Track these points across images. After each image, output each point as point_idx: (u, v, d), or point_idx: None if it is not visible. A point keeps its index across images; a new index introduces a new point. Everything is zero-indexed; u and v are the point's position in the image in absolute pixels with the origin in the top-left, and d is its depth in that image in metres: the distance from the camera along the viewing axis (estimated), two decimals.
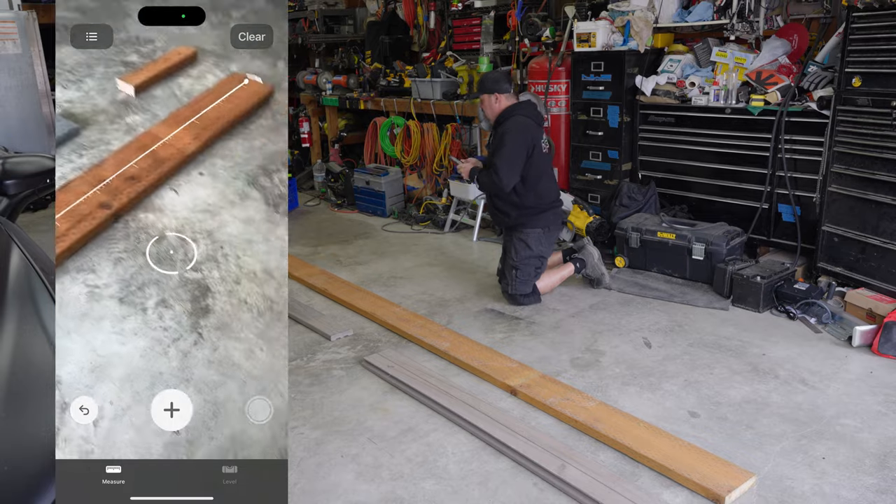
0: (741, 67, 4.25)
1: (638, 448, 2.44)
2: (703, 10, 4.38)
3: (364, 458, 2.51)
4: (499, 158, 3.68)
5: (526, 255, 3.83)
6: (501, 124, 3.76)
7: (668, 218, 4.38)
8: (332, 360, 3.30)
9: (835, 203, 3.79)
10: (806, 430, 2.61)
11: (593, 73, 4.80)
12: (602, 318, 3.71)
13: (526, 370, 3.07)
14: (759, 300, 3.67)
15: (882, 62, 3.44)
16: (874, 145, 3.52)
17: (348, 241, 5.38)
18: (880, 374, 3.01)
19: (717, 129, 4.35)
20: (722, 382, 2.98)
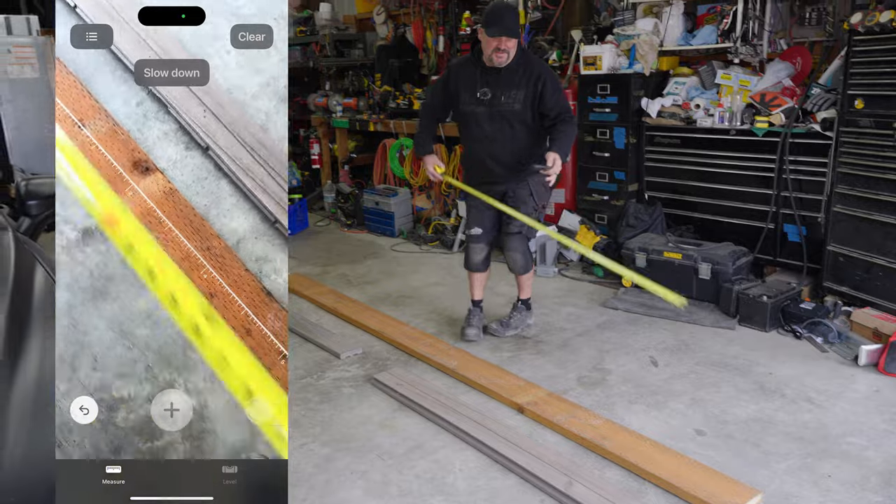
0: (745, 90, 4.32)
1: (644, 465, 2.46)
2: (708, 33, 4.46)
3: (373, 474, 2.54)
4: (565, 102, 3.37)
5: (533, 207, 3.47)
6: (518, 67, 3.29)
7: (675, 238, 4.42)
8: (341, 377, 3.35)
9: (840, 223, 3.82)
10: (812, 448, 2.62)
11: (599, 96, 4.87)
12: (609, 337, 3.74)
13: (533, 388, 3.10)
14: (765, 319, 3.69)
15: (884, 84, 3.49)
16: (877, 166, 3.56)
17: (358, 261, 5.44)
18: (886, 393, 3.02)
19: (723, 151, 4.40)
20: (728, 401, 3.00)
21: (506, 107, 3.32)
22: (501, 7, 3.33)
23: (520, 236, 3.54)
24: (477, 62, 3.35)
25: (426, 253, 5.58)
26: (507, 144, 3.40)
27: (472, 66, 3.36)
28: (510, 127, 3.37)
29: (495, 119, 3.35)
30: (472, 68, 3.36)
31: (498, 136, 3.38)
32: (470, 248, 3.63)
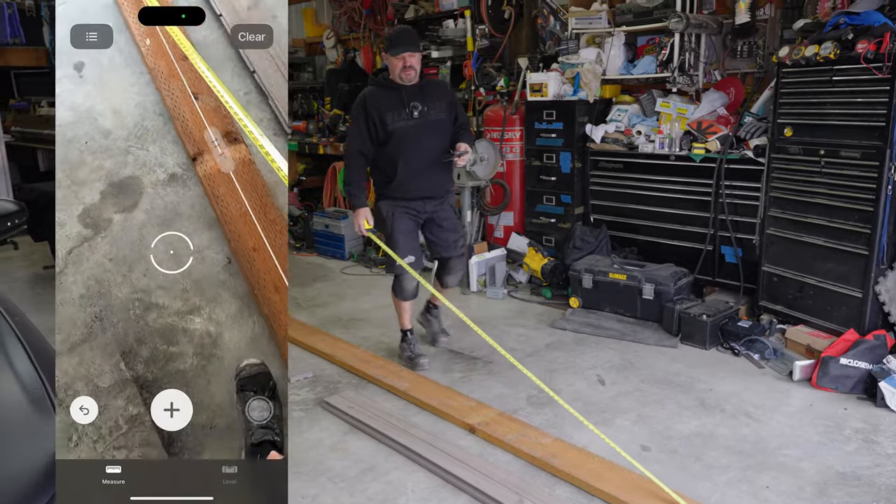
0: (683, 118, 4.51)
1: (593, 482, 2.52)
2: (647, 63, 4.65)
3: (324, 498, 2.52)
4: (465, 114, 3.67)
5: (462, 225, 3.85)
6: (429, 84, 3.56)
7: (620, 259, 4.55)
8: (291, 401, 3.31)
9: (773, 245, 4.01)
10: (751, 461, 2.73)
11: (546, 121, 5.01)
12: (557, 357, 3.81)
13: (484, 408, 3.13)
14: (705, 338, 3.83)
15: (810, 114, 3.70)
16: (806, 190, 3.76)
17: (307, 284, 5.40)
18: (819, 406, 3.16)
19: (663, 175, 4.57)
20: (672, 417, 3.09)
21: (434, 116, 3.50)
22: (399, 30, 3.59)
23: (463, 258, 3.80)
24: (391, 85, 3.46)
25: (377, 275, 5.58)
26: (434, 155, 3.55)
27: (388, 90, 3.46)
28: (438, 136, 3.54)
29: (426, 130, 3.49)
30: (389, 91, 3.46)
31: (429, 146, 3.51)
32: (405, 277, 3.60)
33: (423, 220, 3.63)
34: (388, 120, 3.43)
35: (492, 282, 4.96)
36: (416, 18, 6.22)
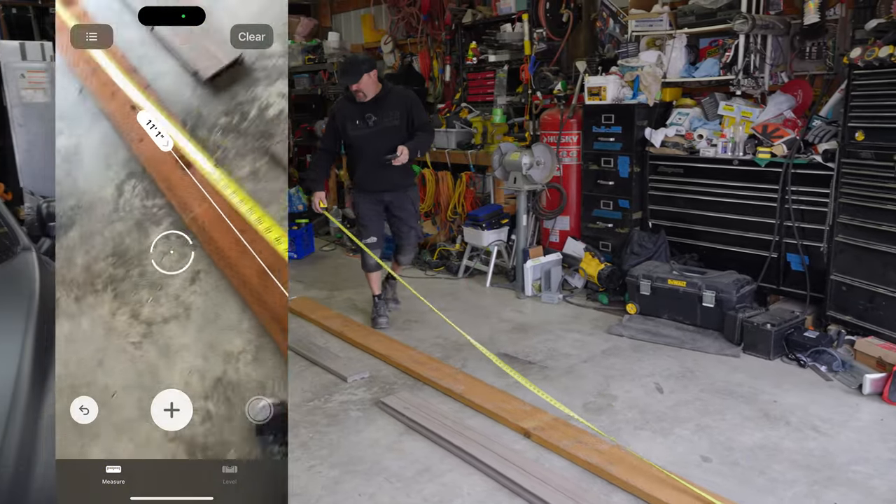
0: (747, 121, 4.39)
1: (651, 491, 2.48)
2: (710, 66, 4.55)
3: (381, 497, 2.55)
4: (426, 118, 4.32)
5: (415, 213, 4.47)
6: (390, 96, 4.19)
7: (679, 266, 4.46)
8: (348, 400, 3.37)
9: (842, 253, 3.86)
10: (818, 476, 2.63)
11: (604, 125, 4.96)
12: (614, 364, 3.76)
13: (539, 413, 3.12)
14: (769, 347, 3.72)
15: (883, 117, 3.56)
16: (878, 197, 3.62)
17: (364, 286, 5.45)
18: (891, 422, 3.03)
19: (726, 180, 4.46)
20: (734, 428, 3.01)
21: (388, 123, 4.19)
22: (345, 63, 4.37)
23: (415, 232, 4.53)
24: (354, 100, 4.20)
25: (432, 278, 5.61)
26: (389, 154, 4.20)
27: (352, 104, 4.21)
28: (390, 140, 4.17)
29: (380, 136, 4.18)
30: (352, 105, 4.21)
31: (383, 149, 4.15)
32: (366, 254, 4.34)
33: (384, 207, 4.39)
34: (348, 128, 4.20)
35: (547, 286, 4.93)
36: (474, 23, 6.25)
